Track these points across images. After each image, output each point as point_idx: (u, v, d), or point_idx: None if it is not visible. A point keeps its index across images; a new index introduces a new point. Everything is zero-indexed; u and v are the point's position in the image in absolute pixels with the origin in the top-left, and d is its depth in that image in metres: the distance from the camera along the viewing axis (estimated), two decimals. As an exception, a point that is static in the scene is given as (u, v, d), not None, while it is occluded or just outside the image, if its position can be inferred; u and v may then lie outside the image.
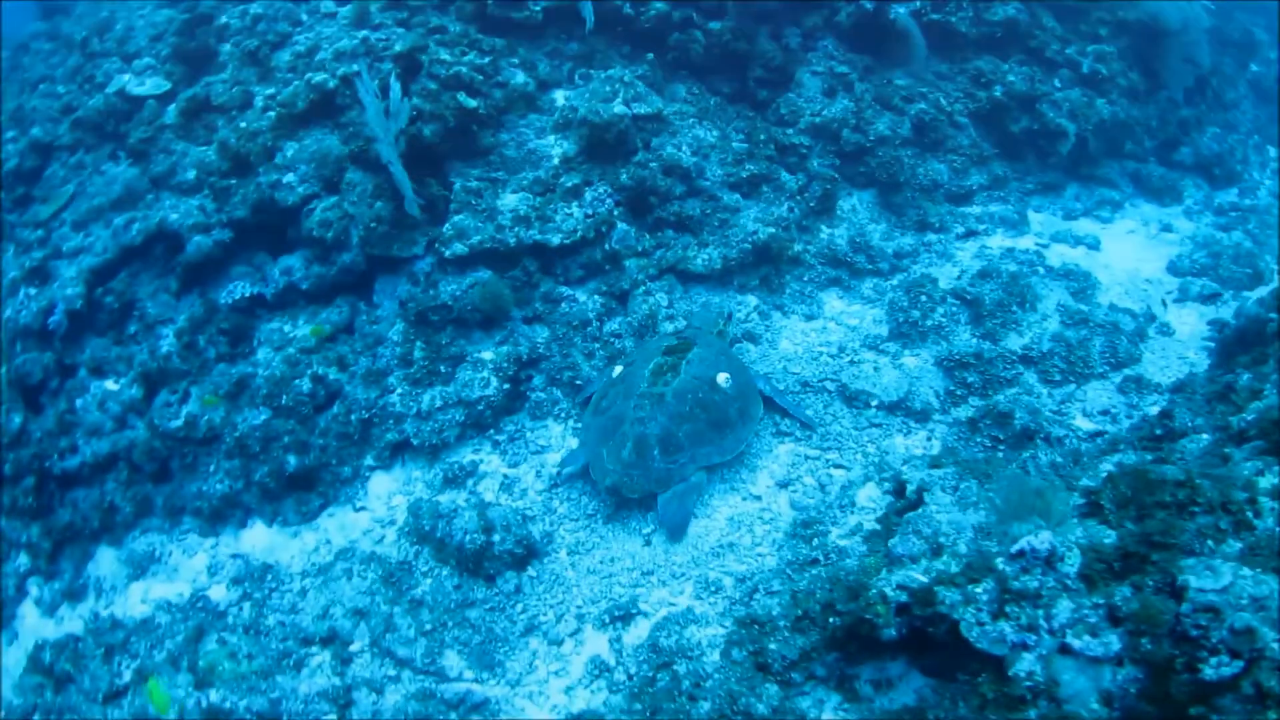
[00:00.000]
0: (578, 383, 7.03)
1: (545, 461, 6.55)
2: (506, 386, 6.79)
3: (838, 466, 6.27)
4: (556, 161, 7.57)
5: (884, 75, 8.98)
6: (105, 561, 6.69)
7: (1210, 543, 3.70)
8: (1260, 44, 10.40)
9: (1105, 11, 9.13)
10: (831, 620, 3.94)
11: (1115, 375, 6.88)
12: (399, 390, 6.62)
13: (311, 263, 6.89)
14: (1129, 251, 8.49)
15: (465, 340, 6.98)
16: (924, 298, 7.37)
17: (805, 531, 5.38)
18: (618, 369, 6.39)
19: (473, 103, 7.20)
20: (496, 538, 5.48)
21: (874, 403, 6.76)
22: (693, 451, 5.85)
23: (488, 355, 6.90)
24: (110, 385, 7.08)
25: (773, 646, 3.98)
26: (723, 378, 6.10)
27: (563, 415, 6.92)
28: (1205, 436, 5.42)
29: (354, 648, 5.35)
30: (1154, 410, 6.51)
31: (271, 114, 7.28)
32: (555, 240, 7.20)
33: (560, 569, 5.60)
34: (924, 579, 3.72)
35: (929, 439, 6.47)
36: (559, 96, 8.00)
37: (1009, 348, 6.99)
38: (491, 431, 6.79)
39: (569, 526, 5.93)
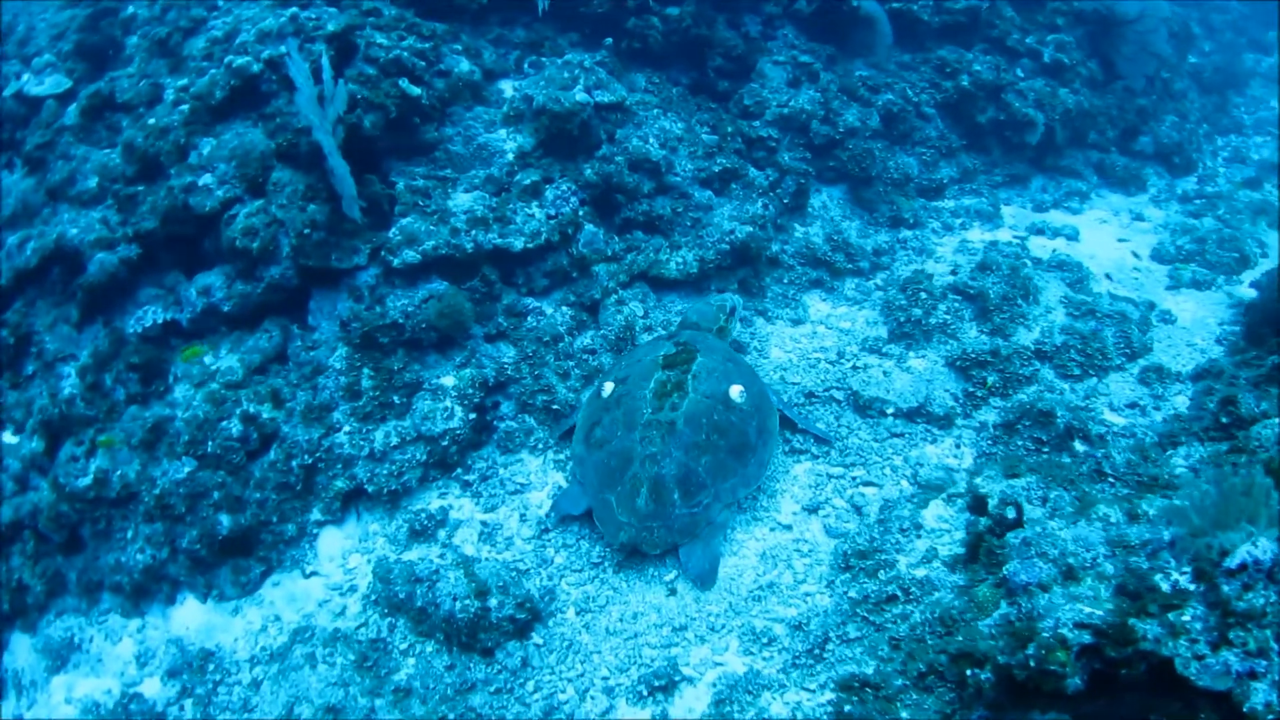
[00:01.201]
0: (554, 407, 6.06)
1: (528, 503, 5.55)
2: (473, 416, 5.77)
3: (868, 484, 5.53)
4: (511, 157, 6.64)
5: (846, 65, 8.45)
6: (21, 652, 5.39)
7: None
8: (1195, 36, 10.47)
9: (1061, 1, 8.90)
10: (974, 674, 3.14)
11: (1132, 366, 6.44)
12: (346, 428, 5.49)
13: (234, 279, 5.68)
14: (1108, 241, 8.18)
15: (420, 364, 5.92)
16: (924, 295, 6.78)
17: (863, 563, 4.58)
18: (609, 386, 5.46)
19: (416, 90, 6.20)
20: (493, 602, 4.45)
21: (890, 410, 6.08)
22: (716, 488, 4.96)
23: (448, 381, 5.86)
24: (8, 438, 5.81)
25: (906, 716, 3.13)
26: (736, 391, 5.26)
27: (539, 447, 5.94)
28: (1277, 421, 4.97)
29: (328, 757, 4.20)
30: (1180, 400, 6.12)
31: (184, 107, 6.06)
32: (518, 245, 6.25)
33: (572, 633, 4.60)
34: (1103, 613, 2.97)
35: (957, 446, 5.83)
36: (507, 87, 7.08)
37: (1021, 343, 6.45)
38: (459, 471, 5.75)
39: (572, 579, 4.94)
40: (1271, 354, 5.55)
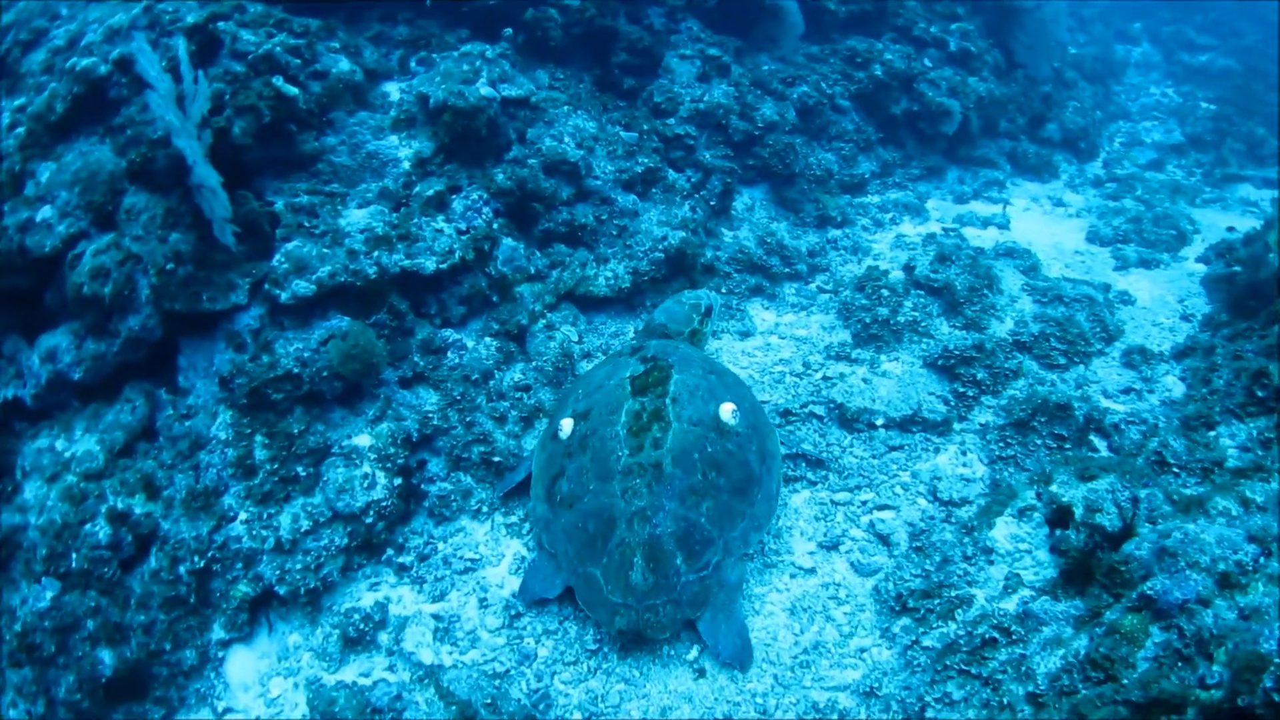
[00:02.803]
0: (494, 459, 5.00)
1: (484, 582, 4.44)
2: (399, 482, 4.62)
3: (882, 508, 4.77)
4: (408, 165, 5.56)
5: (753, 58, 7.86)
6: None
7: None
8: (1072, 28, 10.62)
9: (958, -12, 8.72)
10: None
11: (1112, 350, 6.04)
12: (243, 515, 4.21)
13: (84, 337, 4.28)
14: (1038, 227, 7.90)
15: (324, 423, 4.70)
16: (885, 292, 6.17)
17: (928, 604, 3.77)
18: (567, 424, 4.44)
19: (293, 91, 5.02)
20: (483, 723, 3.34)
21: (879, 421, 5.38)
22: (725, 539, 4.02)
23: (363, 440, 4.68)
24: None
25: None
26: (727, 410, 4.36)
27: (483, 510, 4.86)
28: (1318, 390, 4.58)
29: None
30: (1170, 380, 5.74)
31: (21, 130, 4.68)
32: (430, 266, 5.18)
33: (585, 745, 3.55)
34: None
35: (963, 453, 5.16)
36: (393, 90, 5.98)
37: (999, 335, 5.92)
38: (390, 553, 4.57)
39: (567, 675, 3.88)
40: (1274, 322, 5.21)
